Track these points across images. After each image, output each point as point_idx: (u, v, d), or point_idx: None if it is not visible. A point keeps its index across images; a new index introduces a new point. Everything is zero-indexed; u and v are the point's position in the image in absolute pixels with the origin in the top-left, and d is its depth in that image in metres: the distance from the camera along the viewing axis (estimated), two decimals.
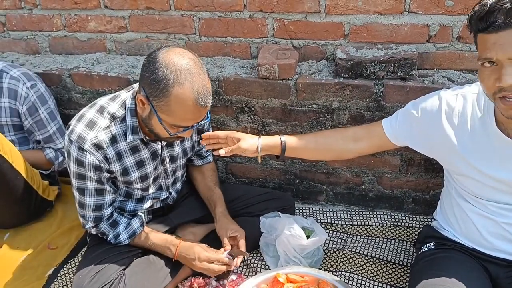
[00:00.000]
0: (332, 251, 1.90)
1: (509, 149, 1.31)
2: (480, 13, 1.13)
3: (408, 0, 1.80)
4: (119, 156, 1.58)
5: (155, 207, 1.83)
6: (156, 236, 1.71)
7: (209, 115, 1.52)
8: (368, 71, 1.84)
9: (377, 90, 1.86)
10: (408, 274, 1.79)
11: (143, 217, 1.74)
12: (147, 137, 1.61)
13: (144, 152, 1.64)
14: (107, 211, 1.64)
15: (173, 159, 1.76)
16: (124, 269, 1.62)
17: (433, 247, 1.59)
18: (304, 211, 2.19)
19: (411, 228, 2.03)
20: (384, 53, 1.85)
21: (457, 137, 1.41)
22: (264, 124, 2.05)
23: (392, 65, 1.82)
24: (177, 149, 1.76)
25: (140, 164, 1.64)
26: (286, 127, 2.04)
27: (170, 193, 1.84)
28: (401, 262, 1.85)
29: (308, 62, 2.02)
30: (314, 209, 2.20)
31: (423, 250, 1.62)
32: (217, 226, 1.79)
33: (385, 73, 1.84)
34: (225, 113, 2.07)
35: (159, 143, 1.66)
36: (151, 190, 1.74)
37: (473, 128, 1.37)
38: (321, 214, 2.17)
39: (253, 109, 2.02)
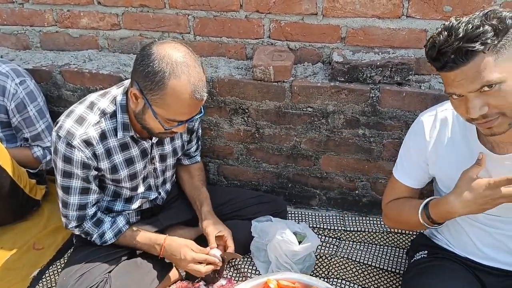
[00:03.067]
0: (324, 257, 1.87)
1: (493, 163, 1.30)
2: (431, 54, 1.13)
3: (406, 4, 1.78)
4: (108, 153, 1.55)
5: (143, 208, 1.79)
6: (142, 234, 1.68)
7: (202, 110, 1.50)
8: (365, 75, 1.82)
9: (373, 95, 1.84)
10: (400, 282, 1.77)
11: (128, 215, 1.71)
12: (138, 134, 1.57)
13: (134, 150, 1.60)
14: (90, 211, 1.61)
15: (163, 158, 1.73)
16: (110, 272, 1.58)
17: (425, 255, 1.57)
18: (296, 215, 2.16)
19: (404, 235, 2.00)
20: (381, 57, 1.82)
21: (443, 160, 1.41)
22: (257, 126, 2.02)
23: (389, 69, 1.80)
24: (167, 147, 1.72)
25: (129, 162, 1.61)
26: (280, 130, 2.01)
27: (159, 193, 1.80)
28: (393, 270, 1.83)
29: (304, 65, 1.99)
30: (306, 213, 2.17)
31: (415, 258, 1.60)
32: (203, 224, 1.74)
33: (382, 78, 1.82)
34: (218, 114, 2.03)
35: (149, 141, 1.63)
36: (140, 190, 1.71)
37: (456, 147, 1.36)
38: (314, 219, 2.14)
39: (247, 111, 1.99)
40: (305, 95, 1.89)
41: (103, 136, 1.52)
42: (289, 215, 2.14)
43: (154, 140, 1.64)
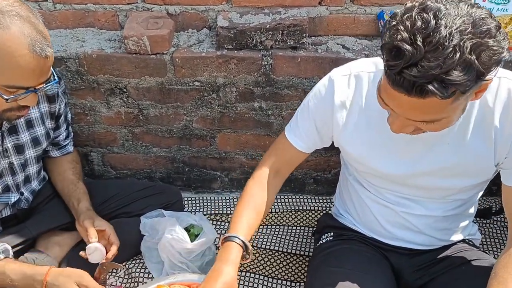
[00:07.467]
0: None
1: (407, 142, 1.15)
2: (388, 59, 0.87)
3: None
4: None
5: (4, 215, 1.48)
6: (14, 268, 1.29)
7: (55, 76, 1.22)
8: (254, 40, 1.60)
9: (266, 62, 1.63)
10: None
11: None
12: None
13: None
14: None
15: (19, 149, 1.42)
16: None
17: (331, 238, 1.45)
18: (197, 202, 1.95)
19: (311, 212, 1.87)
20: (272, 19, 1.60)
21: (353, 132, 1.23)
22: (140, 107, 1.75)
23: (281, 32, 1.59)
24: (24, 136, 1.41)
25: None
26: (167, 109, 1.76)
27: (21, 193, 1.50)
28: (301, 252, 1.69)
29: (187, 32, 1.73)
30: (209, 198, 1.97)
31: (321, 241, 1.47)
32: (80, 220, 1.47)
33: (274, 43, 1.60)
34: (92, 96, 1.73)
35: None
36: None
37: (369, 118, 1.18)
38: (217, 204, 1.94)
39: (125, 90, 1.71)
40: (190, 68, 1.64)
41: None
42: (190, 201, 1.93)
43: (5, 127, 1.34)
